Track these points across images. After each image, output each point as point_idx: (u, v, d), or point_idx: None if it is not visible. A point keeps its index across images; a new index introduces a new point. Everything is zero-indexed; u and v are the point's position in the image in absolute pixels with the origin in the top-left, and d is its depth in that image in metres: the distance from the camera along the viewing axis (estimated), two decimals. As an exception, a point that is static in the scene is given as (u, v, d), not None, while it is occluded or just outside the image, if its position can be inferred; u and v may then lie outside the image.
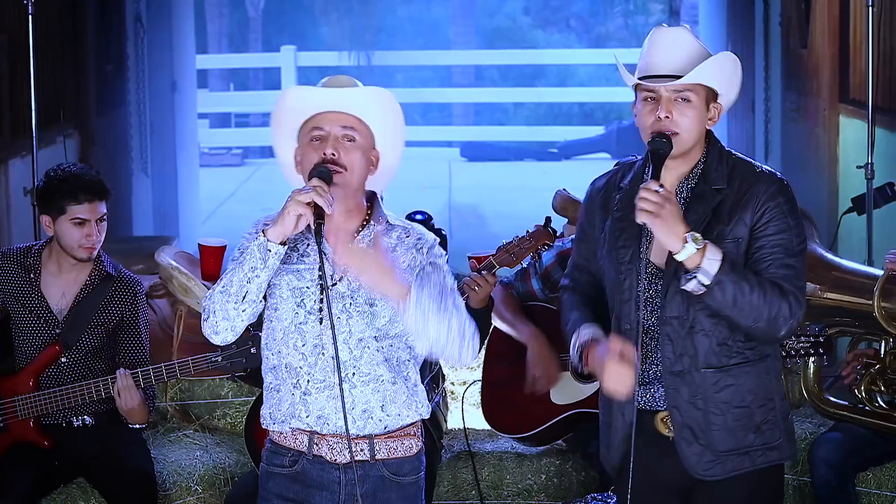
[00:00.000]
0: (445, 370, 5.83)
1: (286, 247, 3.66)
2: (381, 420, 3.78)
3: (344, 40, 17.11)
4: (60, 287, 5.14)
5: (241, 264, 3.65)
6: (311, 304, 3.75)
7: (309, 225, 3.62)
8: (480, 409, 5.59)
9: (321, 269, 3.70)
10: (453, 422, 5.60)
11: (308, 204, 3.59)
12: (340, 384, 3.65)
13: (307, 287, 3.76)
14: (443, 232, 6.15)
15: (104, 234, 5.09)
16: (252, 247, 3.64)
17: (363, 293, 3.74)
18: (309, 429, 3.77)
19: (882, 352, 5.05)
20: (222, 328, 3.69)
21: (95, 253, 5.10)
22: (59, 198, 5.03)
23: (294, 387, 3.77)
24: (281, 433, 3.82)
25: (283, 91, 3.87)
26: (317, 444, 3.77)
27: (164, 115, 10.64)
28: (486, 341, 5.44)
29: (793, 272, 3.70)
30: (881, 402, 5.09)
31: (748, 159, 3.82)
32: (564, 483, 5.50)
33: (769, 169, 3.81)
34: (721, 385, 3.73)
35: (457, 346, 3.71)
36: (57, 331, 5.10)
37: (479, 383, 5.63)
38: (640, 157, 3.91)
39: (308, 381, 3.76)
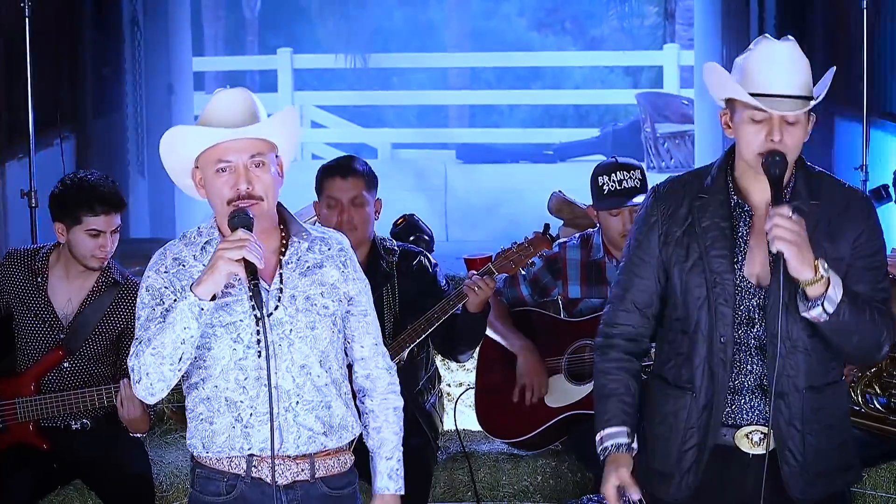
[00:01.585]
0: (442, 371, 5.84)
1: (216, 300, 3.55)
2: (323, 444, 3.69)
3: (340, 42, 17.07)
4: (67, 292, 5.13)
5: (171, 325, 3.50)
6: (249, 338, 3.63)
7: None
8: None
9: (260, 321, 3.60)
10: (449, 422, 5.60)
11: (238, 260, 3.49)
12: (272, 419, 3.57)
13: (240, 320, 3.63)
14: (425, 235, 6.16)
15: (116, 244, 5.07)
16: (182, 307, 3.50)
17: (302, 317, 3.66)
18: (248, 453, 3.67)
19: (877, 354, 5.06)
20: (158, 389, 3.57)
21: (106, 262, 5.09)
22: (74, 207, 4.98)
23: (235, 420, 3.64)
24: (216, 458, 3.69)
25: (172, 133, 3.67)
26: (256, 467, 3.66)
27: (160, 117, 10.61)
28: (478, 347, 5.44)
29: (887, 294, 3.62)
30: (877, 405, 5.11)
31: (830, 174, 3.71)
32: (560, 484, 5.50)
33: (852, 185, 3.70)
34: (816, 405, 3.65)
35: None
36: (61, 336, 5.10)
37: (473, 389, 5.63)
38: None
39: (251, 413, 3.63)
